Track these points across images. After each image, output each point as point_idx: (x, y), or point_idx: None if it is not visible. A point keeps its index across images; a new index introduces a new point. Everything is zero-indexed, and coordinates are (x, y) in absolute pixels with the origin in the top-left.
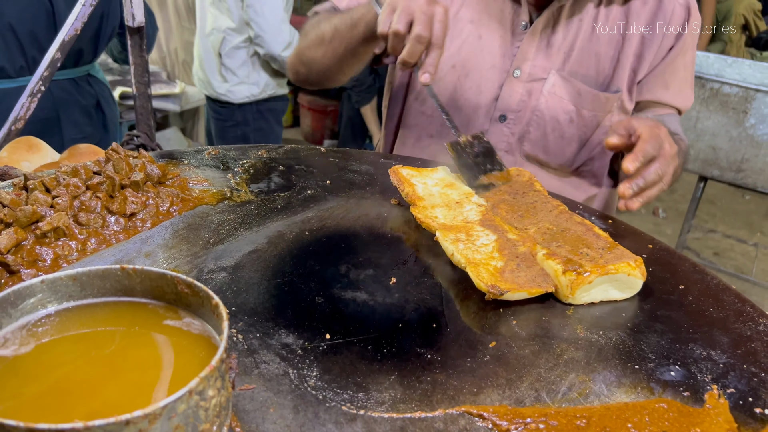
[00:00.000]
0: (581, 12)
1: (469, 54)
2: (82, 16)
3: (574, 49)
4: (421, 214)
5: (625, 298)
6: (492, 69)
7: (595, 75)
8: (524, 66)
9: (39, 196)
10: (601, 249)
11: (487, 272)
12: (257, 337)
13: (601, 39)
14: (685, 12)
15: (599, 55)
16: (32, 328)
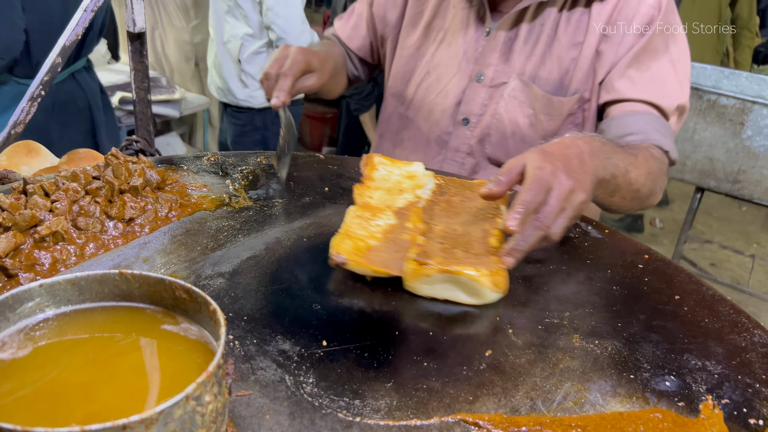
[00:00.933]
0: (543, 17)
1: (440, 60)
2: (83, 21)
3: (535, 53)
4: (359, 191)
5: (475, 303)
6: (458, 74)
7: (557, 78)
8: (487, 71)
9: (38, 200)
10: (474, 254)
11: (352, 245)
12: (254, 343)
13: (562, 42)
14: (653, 11)
15: (561, 59)
16: (30, 332)
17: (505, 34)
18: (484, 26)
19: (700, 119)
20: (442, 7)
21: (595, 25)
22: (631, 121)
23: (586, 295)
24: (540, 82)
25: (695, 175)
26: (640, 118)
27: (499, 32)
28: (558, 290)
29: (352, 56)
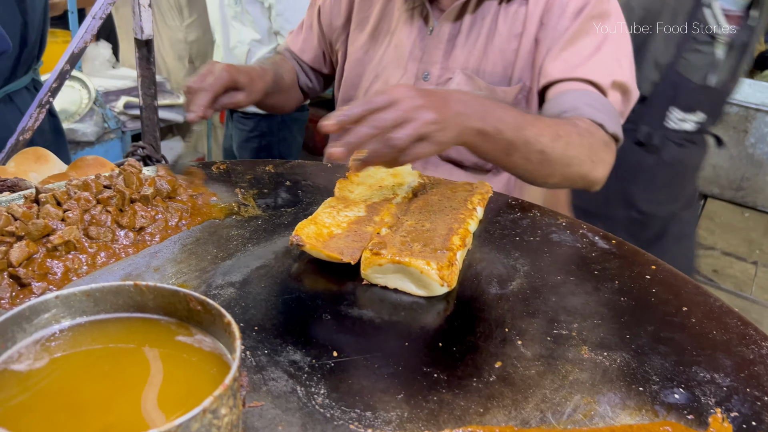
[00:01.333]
0: (484, 11)
1: (388, 62)
2: (91, 29)
3: (477, 47)
4: (341, 185)
5: (423, 295)
6: (405, 75)
7: (500, 70)
8: (432, 69)
9: (50, 209)
10: (432, 248)
11: (315, 230)
12: (265, 353)
13: (503, 34)
14: None
15: (503, 51)
16: (46, 343)
17: (447, 31)
18: (428, 25)
19: None
20: (387, 10)
21: (534, 12)
22: (564, 99)
23: (594, 306)
24: (484, 75)
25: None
26: (571, 95)
27: (442, 29)
28: (566, 301)
29: (306, 69)
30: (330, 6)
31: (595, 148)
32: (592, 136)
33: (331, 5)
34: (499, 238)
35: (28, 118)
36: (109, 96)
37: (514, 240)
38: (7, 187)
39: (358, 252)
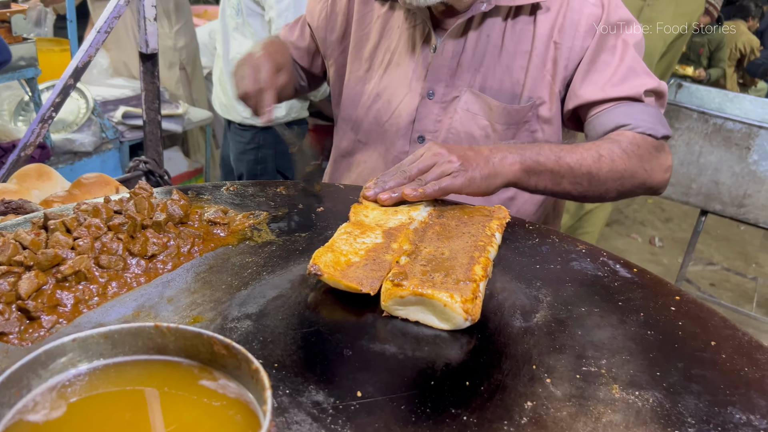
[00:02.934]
0: (488, 27)
1: (389, 81)
2: (96, 43)
3: (483, 65)
4: (355, 209)
5: (446, 328)
6: (409, 93)
7: (509, 88)
8: (437, 87)
9: (60, 237)
10: (454, 279)
11: (332, 258)
12: (287, 393)
13: (509, 52)
14: (597, 10)
15: (510, 68)
16: (62, 389)
17: (452, 49)
18: (431, 44)
19: (706, 142)
20: (386, 29)
21: (543, 30)
22: (606, 120)
23: (622, 341)
24: (492, 93)
25: (700, 198)
26: (613, 113)
27: (446, 47)
28: (592, 335)
29: (297, 65)
30: (326, 20)
31: (645, 157)
32: (639, 147)
33: (327, 20)
34: (519, 266)
35: (30, 134)
36: (107, 106)
37: (534, 268)
38: (12, 209)
39: (377, 282)
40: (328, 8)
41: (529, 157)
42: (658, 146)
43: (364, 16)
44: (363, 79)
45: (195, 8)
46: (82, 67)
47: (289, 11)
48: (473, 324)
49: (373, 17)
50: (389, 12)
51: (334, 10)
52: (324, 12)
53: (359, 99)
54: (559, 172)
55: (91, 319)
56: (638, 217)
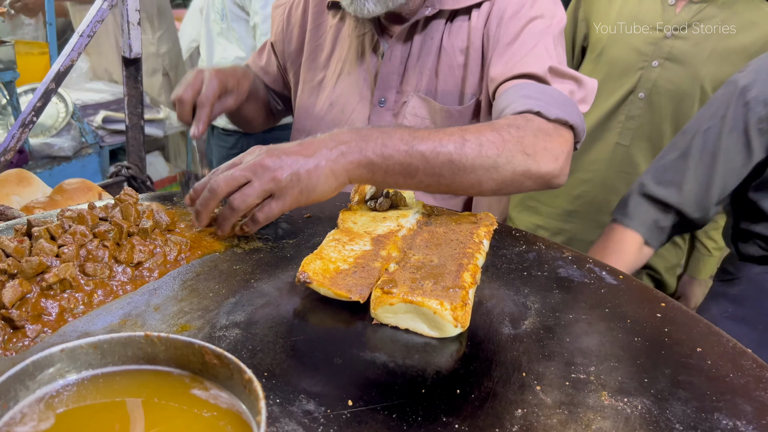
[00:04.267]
0: (432, 31)
1: (342, 91)
2: (78, 47)
3: (427, 67)
4: (343, 216)
5: (435, 336)
6: (361, 101)
7: (452, 88)
8: (388, 94)
9: (44, 245)
10: (443, 287)
11: (321, 265)
12: (277, 403)
13: (448, 50)
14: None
15: (452, 68)
16: (50, 401)
17: (399, 54)
18: (378, 51)
19: None
20: (339, 39)
21: (478, 27)
22: (501, 99)
23: (610, 348)
24: (438, 96)
25: None
26: (508, 92)
27: (393, 53)
28: (580, 342)
29: (270, 90)
30: (283, 34)
31: (526, 139)
32: (519, 128)
33: (284, 32)
34: (507, 273)
35: (10, 138)
36: (87, 110)
37: (522, 275)
38: None
39: (366, 290)
40: (284, 21)
41: (372, 150)
42: (550, 129)
43: (317, 27)
44: (316, 89)
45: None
46: (64, 71)
47: None
48: (463, 331)
49: (326, 27)
50: (341, 22)
51: (290, 21)
52: (281, 25)
53: (313, 109)
54: (411, 164)
55: (76, 328)
56: None
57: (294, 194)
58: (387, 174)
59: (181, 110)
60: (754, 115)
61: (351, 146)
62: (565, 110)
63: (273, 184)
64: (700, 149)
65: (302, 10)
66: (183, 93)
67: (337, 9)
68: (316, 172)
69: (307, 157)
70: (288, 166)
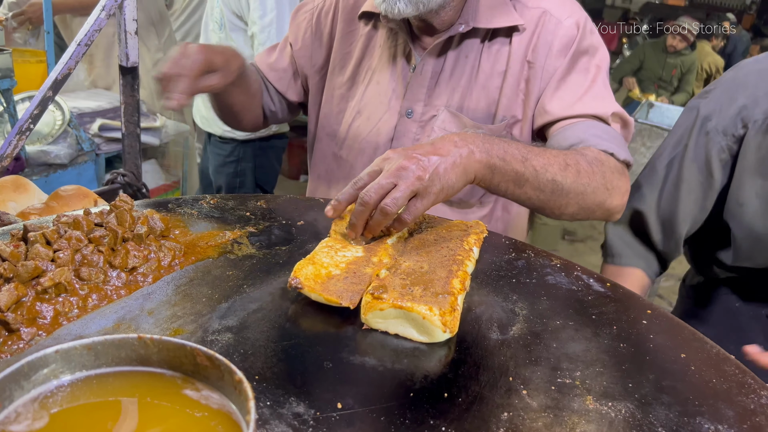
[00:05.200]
0: (467, 49)
1: (369, 99)
2: (76, 56)
3: (460, 84)
4: (336, 225)
5: (425, 341)
6: (388, 111)
7: (485, 107)
8: (416, 106)
9: (40, 249)
10: (432, 293)
11: (313, 271)
12: (267, 405)
13: (486, 72)
14: (571, 32)
15: (486, 88)
16: (44, 400)
17: (431, 69)
18: (411, 63)
19: None
20: (369, 48)
21: (519, 51)
22: (569, 134)
23: (595, 353)
24: (468, 112)
25: None
26: (576, 128)
27: (425, 67)
28: (567, 347)
29: (270, 89)
30: (311, 38)
31: (608, 175)
32: (602, 164)
33: (312, 36)
34: (496, 280)
35: (6, 145)
36: (84, 117)
37: (511, 282)
38: None
39: (357, 296)
40: (312, 26)
41: (495, 153)
42: (620, 169)
43: (347, 35)
44: (345, 96)
45: None
46: (62, 79)
47: (271, 27)
48: (451, 336)
49: (357, 36)
50: (372, 31)
51: (319, 27)
52: (308, 30)
53: (342, 116)
54: (523, 174)
55: (71, 331)
56: None
57: (436, 191)
58: (503, 179)
59: (163, 86)
60: (714, 144)
61: (480, 147)
62: (627, 152)
63: (419, 184)
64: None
65: (332, 17)
66: (167, 68)
67: (368, 18)
68: (454, 170)
69: (443, 156)
70: (428, 166)
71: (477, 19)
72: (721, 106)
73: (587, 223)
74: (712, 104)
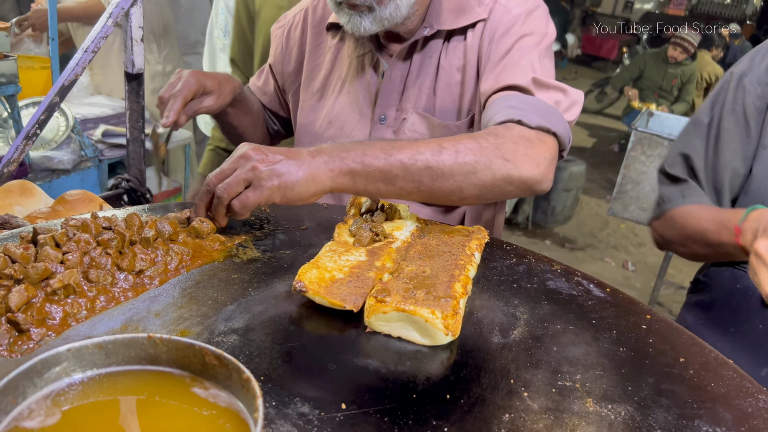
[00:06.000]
0: (431, 50)
1: (341, 109)
2: (83, 62)
3: (426, 85)
4: (340, 229)
5: (427, 344)
6: (362, 119)
7: (450, 105)
8: (389, 112)
9: (50, 251)
10: (435, 296)
11: (317, 274)
12: (273, 405)
13: (446, 69)
14: (516, 19)
15: (449, 85)
16: (56, 398)
17: (399, 73)
18: (378, 70)
19: None
20: (338, 59)
21: (472, 45)
22: (488, 110)
23: (595, 357)
24: (437, 112)
25: None
26: (494, 104)
27: (393, 73)
28: (567, 351)
29: (267, 110)
30: (282, 54)
31: (506, 146)
32: (498, 136)
33: (282, 53)
34: (497, 285)
35: (13, 150)
36: (87, 123)
37: (512, 287)
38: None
39: (360, 299)
40: (283, 42)
41: (352, 159)
42: (532, 136)
43: (316, 48)
44: (315, 107)
45: None
46: (68, 85)
47: None
48: (453, 339)
49: (325, 48)
50: (340, 43)
51: (289, 43)
52: (280, 46)
53: (312, 127)
54: (390, 171)
55: (79, 332)
56: (612, 241)
57: (271, 187)
58: (368, 181)
59: (160, 109)
60: (750, 95)
61: (332, 156)
62: (547, 118)
63: (252, 173)
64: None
65: (301, 31)
66: (162, 92)
67: (336, 30)
68: (297, 173)
69: (290, 158)
70: (270, 161)
71: (440, 21)
72: (753, 63)
73: (587, 231)
74: (746, 63)
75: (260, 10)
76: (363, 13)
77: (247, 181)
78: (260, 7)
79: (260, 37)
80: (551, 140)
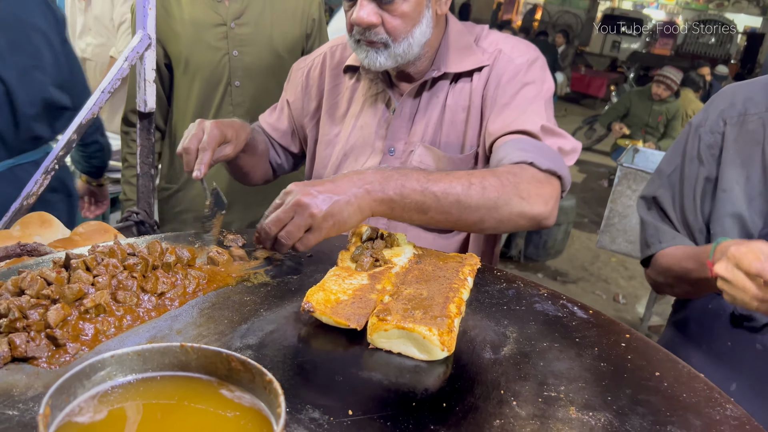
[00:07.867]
0: (438, 89)
1: (355, 142)
2: (100, 102)
3: (432, 120)
4: (344, 255)
5: (425, 359)
6: (373, 152)
7: (454, 140)
8: (398, 144)
9: (82, 274)
10: (432, 316)
11: (323, 296)
12: (287, 411)
13: (452, 108)
14: (520, 67)
15: (454, 123)
16: (102, 398)
17: (408, 110)
18: (390, 107)
19: None
20: (354, 98)
21: (477, 88)
22: (499, 151)
23: (578, 371)
24: (441, 145)
25: None
26: (505, 145)
27: (404, 109)
28: (553, 366)
29: (276, 145)
30: (302, 92)
31: (522, 185)
32: (516, 176)
33: (303, 91)
34: (489, 307)
35: (33, 184)
36: None
37: (502, 309)
38: (27, 251)
39: (363, 319)
40: (303, 82)
41: (392, 189)
42: (542, 177)
43: (334, 88)
44: (332, 142)
45: None
46: (86, 123)
47: None
48: (449, 355)
49: (342, 89)
50: (356, 83)
51: (308, 82)
52: (300, 85)
53: (329, 160)
54: (424, 203)
55: (109, 347)
56: (602, 274)
57: (328, 227)
58: (404, 210)
59: (187, 159)
60: (704, 142)
61: (375, 186)
62: (554, 162)
63: (311, 220)
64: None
65: (319, 72)
66: (188, 143)
67: (352, 72)
68: (347, 208)
69: (338, 194)
70: (322, 203)
71: (447, 64)
72: (707, 114)
73: (578, 265)
74: (702, 114)
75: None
76: (379, 49)
77: (307, 227)
78: None
79: None
80: (557, 182)
